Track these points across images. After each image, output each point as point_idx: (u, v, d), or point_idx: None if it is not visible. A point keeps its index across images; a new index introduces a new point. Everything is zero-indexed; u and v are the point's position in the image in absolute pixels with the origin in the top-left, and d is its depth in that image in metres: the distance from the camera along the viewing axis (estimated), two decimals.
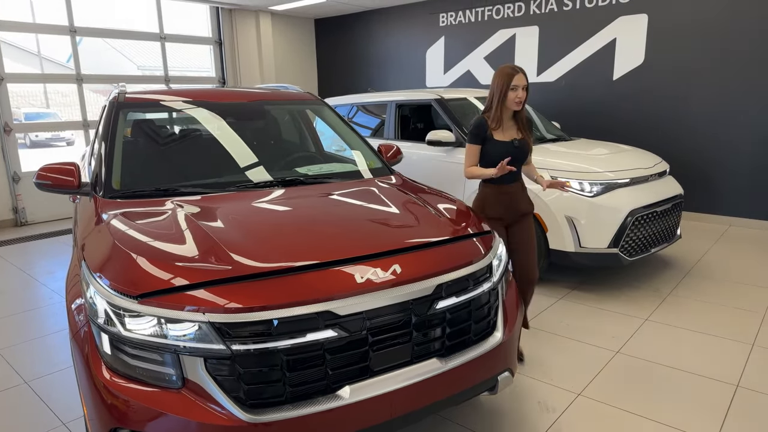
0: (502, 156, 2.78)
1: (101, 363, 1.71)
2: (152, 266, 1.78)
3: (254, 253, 1.84)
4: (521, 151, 2.93)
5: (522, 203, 3.01)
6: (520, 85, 2.79)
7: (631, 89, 6.68)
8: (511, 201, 2.96)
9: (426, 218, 2.34)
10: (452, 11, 8.17)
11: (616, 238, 4.04)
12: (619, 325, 3.64)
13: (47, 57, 16.75)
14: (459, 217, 2.54)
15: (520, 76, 2.80)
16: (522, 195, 3.02)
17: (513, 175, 2.91)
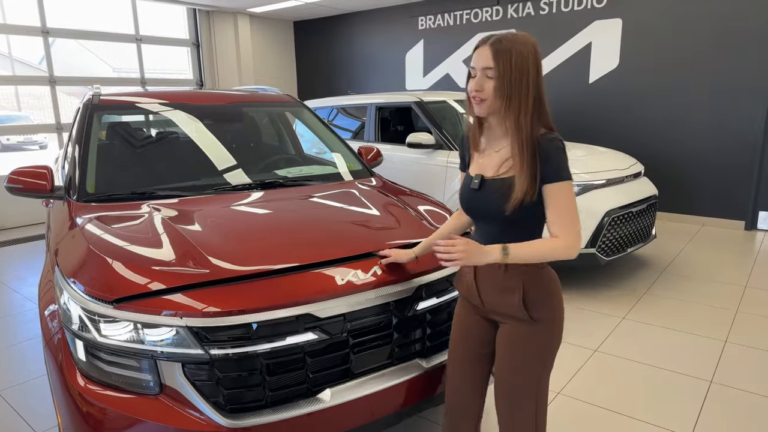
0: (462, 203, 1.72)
1: (76, 370, 1.67)
2: (128, 270, 1.74)
3: (233, 257, 1.82)
4: (484, 199, 1.61)
5: (493, 297, 1.63)
6: (477, 67, 1.53)
7: (607, 92, 6.80)
8: (471, 286, 1.69)
9: (406, 220, 2.34)
10: (431, 14, 8.21)
11: (594, 238, 4.09)
12: (597, 324, 3.70)
13: (18, 59, 16.35)
14: (438, 218, 2.55)
15: (480, 52, 1.52)
16: (494, 284, 1.62)
17: (483, 238, 1.64)
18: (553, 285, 1.65)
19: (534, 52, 1.50)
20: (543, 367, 1.64)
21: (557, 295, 1.65)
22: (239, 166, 2.98)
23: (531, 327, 1.60)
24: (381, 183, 3.00)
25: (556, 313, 1.63)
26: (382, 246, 1.99)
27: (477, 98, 1.54)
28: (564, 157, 1.54)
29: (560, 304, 1.66)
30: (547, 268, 1.64)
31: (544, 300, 1.60)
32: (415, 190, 2.92)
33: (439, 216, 2.51)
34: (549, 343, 1.64)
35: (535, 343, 1.61)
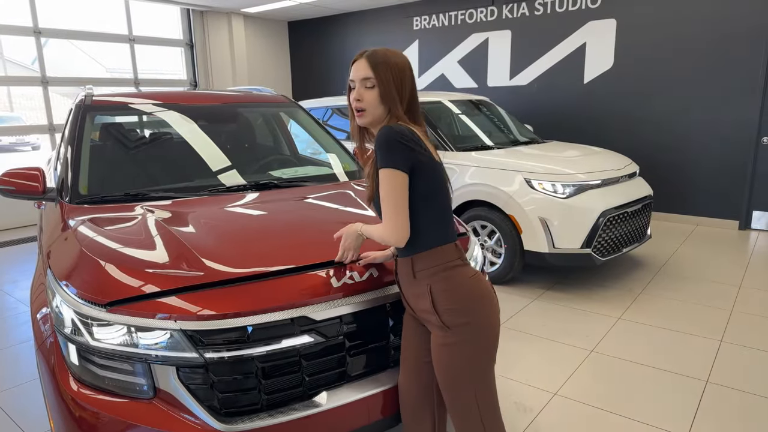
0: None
1: (68, 374, 1.65)
2: (121, 273, 1.72)
3: (227, 259, 1.80)
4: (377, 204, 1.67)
5: (413, 302, 1.68)
6: (356, 79, 1.64)
7: (601, 92, 6.82)
8: (399, 283, 1.76)
9: None
10: (426, 15, 8.21)
11: (589, 238, 4.10)
12: (593, 325, 3.70)
13: (10, 59, 16.23)
14: None
15: (358, 65, 1.63)
16: (409, 288, 1.68)
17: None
18: (469, 288, 1.60)
19: (408, 66, 1.66)
20: (473, 372, 1.61)
21: (477, 299, 1.60)
22: (234, 167, 2.96)
23: (449, 334, 1.60)
24: None
25: (476, 318, 1.59)
26: (379, 247, 1.97)
27: (357, 108, 1.65)
28: (388, 146, 1.54)
29: (482, 308, 1.61)
30: (459, 270, 1.61)
31: (458, 305, 1.59)
32: None
33: None
34: (472, 350, 1.60)
35: (457, 351, 1.60)
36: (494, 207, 4.39)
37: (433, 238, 1.61)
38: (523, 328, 3.65)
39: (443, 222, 1.64)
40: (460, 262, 1.63)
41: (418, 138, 1.58)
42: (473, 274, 1.63)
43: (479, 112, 5.69)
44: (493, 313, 1.65)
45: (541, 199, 4.16)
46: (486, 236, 4.49)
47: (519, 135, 5.50)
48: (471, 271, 1.64)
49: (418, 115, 1.67)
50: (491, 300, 1.66)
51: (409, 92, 1.64)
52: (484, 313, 1.61)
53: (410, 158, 1.54)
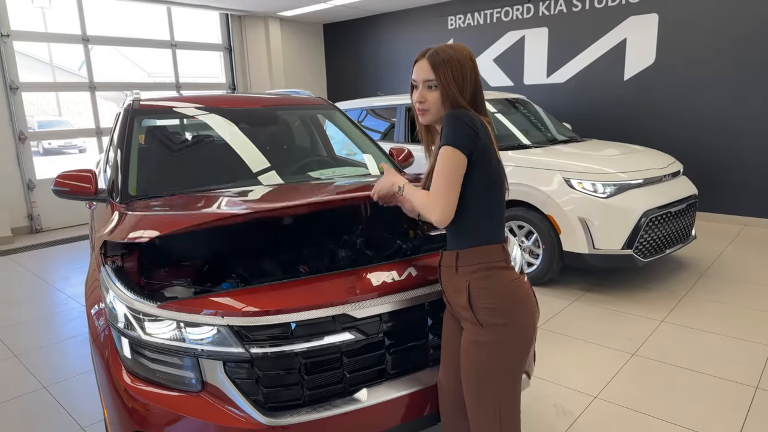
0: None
1: (122, 367, 1.73)
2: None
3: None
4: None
5: (452, 297, 1.68)
6: (418, 80, 1.66)
7: (643, 89, 6.64)
8: (441, 286, 1.75)
9: None
10: (460, 14, 8.17)
11: (630, 239, 4.01)
12: (635, 327, 3.61)
13: (60, 66, 16.97)
14: None
15: (419, 66, 1.65)
16: (449, 283, 1.67)
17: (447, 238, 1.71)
18: (509, 290, 1.58)
19: (470, 57, 1.63)
20: (500, 374, 1.59)
21: (515, 302, 1.58)
22: (273, 168, 3.03)
23: (482, 332, 1.58)
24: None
25: (512, 320, 1.57)
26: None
27: (420, 109, 1.66)
28: (455, 126, 1.54)
29: (520, 311, 1.59)
30: (501, 272, 1.59)
31: (495, 305, 1.56)
32: None
33: None
34: (504, 351, 1.57)
35: (487, 350, 1.57)
36: (532, 207, 4.34)
37: (482, 236, 1.59)
38: (563, 330, 3.59)
39: (494, 220, 1.61)
40: (505, 264, 1.60)
41: (485, 128, 1.57)
42: (516, 278, 1.61)
43: (516, 110, 5.63)
44: (530, 318, 1.62)
45: (580, 199, 4.09)
46: (523, 237, 4.44)
47: (557, 133, 5.42)
48: (514, 274, 1.62)
49: (483, 108, 1.65)
50: (530, 305, 1.63)
51: (473, 85, 1.62)
52: (521, 317, 1.59)
53: (473, 143, 1.53)
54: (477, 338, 1.59)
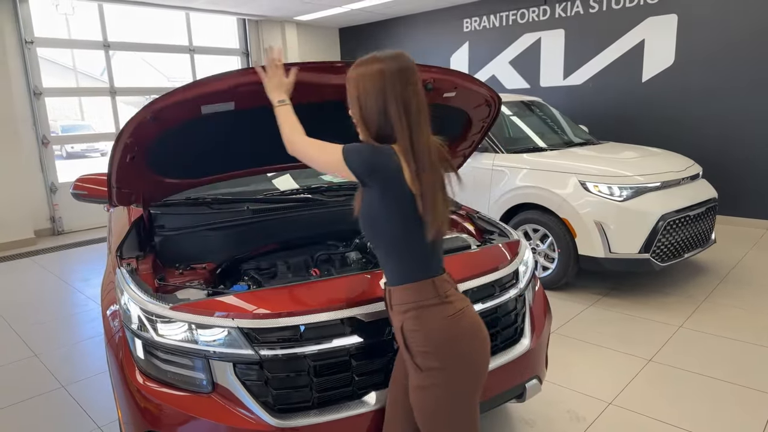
0: None
1: (135, 368, 1.76)
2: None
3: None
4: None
5: (394, 327, 1.58)
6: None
7: (662, 91, 6.55)
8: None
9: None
10: (476, 16, 8.15)
11: (648, 243, 3.95)
12: (652, 333, 3.55)
13: (82, 71, 17.34)
14: (484, 224, 2.54)
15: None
16: (390, 313, 1.60)
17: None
18: (441, 331, 1.44)
19: (385, 67, 1.44)
20: (447, 413, 1.48)
21: (449, 342, 1.45)
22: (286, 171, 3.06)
23: (421, 376, 1.47)
24: None
25: (449, 363, 1.45)
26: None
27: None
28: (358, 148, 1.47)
29: (457, 352, 1.45)
30: (432, 310, 1.45)
31: (428, 348, 1.45)
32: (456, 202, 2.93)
33: (483, 221, 2.50)
34: (446, 394, 1.47)
35: (430, 395, 1.47)
36: (547, 210, 4.30)
37: (407, 272, 1.48)
38: (577, 335, 3.55)
39: (420, 254, 1.48)
40: (437, 300, 1.46)
41: (390, 162, 1.42)
42: (451, 314, 1.46)
43: (531, 113, 5.60)
44: (471, 355, 1.48)
45: (596, 202, 4.04)
46: (538, 240, 4.41)
47: (573, 136, 5.37)
48: (449, 309, 1.46)
49: (401, 137, 1.43)
50: (469, 341, 1.48)
51: (379, 108, 1.43)
52: (459, 357, 1.46)
53: (366, 173, 1.43)
54: (418, 383, 1.49)
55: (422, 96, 1.47)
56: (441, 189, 1.48)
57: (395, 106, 1.42)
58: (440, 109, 2.39)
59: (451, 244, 2.30)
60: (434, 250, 1.52)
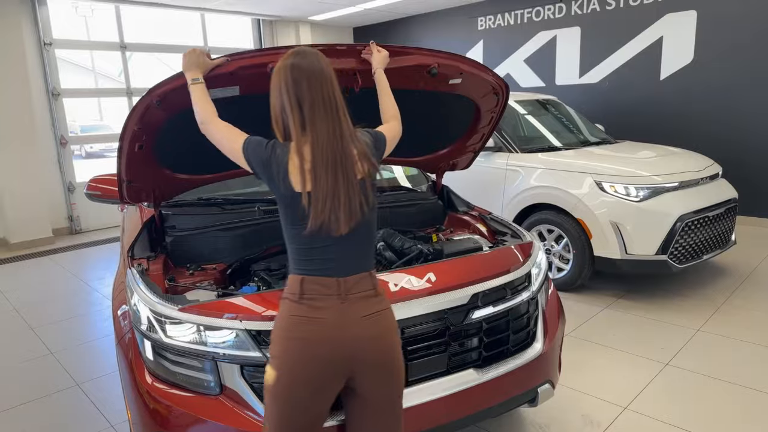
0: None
1: (144, 369, 1.76)
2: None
3: None
4: None
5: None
6: None
7: (680, 88, 6.42)
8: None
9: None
10: (491, 14, 8.08)
11: (665, 244, 3.87)
12: (669, 336, 3.48)
13: (101, 72, 17.59)
14: (496, 224, 2.51)
15: None
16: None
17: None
18: (281, 324, 1.46)
19: (287, 63, 1.45)
20: (266, 400, 1.48)
21: (280, 340, 1.45)
22: None
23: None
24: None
25: (272, 358, 1.45)
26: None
27: None
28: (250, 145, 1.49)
29: (280, 351, 1.44)
30: (285, 304, 1.46)
31: (272, 337, 1.48)
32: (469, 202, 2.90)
33: (495, 222, 2.47)
34: (267, 380, 1.46)
35: (266, 376, 1.48)
36: (562, 211, 4.24)
37: (291, 265, 1.50)
38: (593, 338, 3.50)
39: (297, 252, 1.47)
40: (293, 297, 1.45)
41: (285, 158, 1.41)
42: (296, 314, 1.44)
43: (546, 111, 5.53)
44: (292, 361, 1.42)
45: (612, 203, 3.98)
46: (553, 241, 4.35)
47: (589, 135, 5.29)
48: (299, 310, 1.43)
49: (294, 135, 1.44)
50: (296, 347, 1.42)
51: (280, 105, 1.46)
52: (280, 356, 1.44)
53: (257, 168, 1.46)
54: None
55: (326, 93, 1.43)
56: (346, 191, 1.41)
57: (288, 102, 1.43)
58: (448, 100, 2.41)
59: (462, 245, 2.27)
60: (327, 249, 1.44)
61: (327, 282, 1.45)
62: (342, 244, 1.45)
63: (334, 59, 1.85)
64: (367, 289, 1.49)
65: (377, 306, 1.49)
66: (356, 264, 1.49)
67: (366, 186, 1.46)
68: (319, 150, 1.40)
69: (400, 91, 2.24)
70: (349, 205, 1.41)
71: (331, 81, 1.45)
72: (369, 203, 1.46)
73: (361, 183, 1.45)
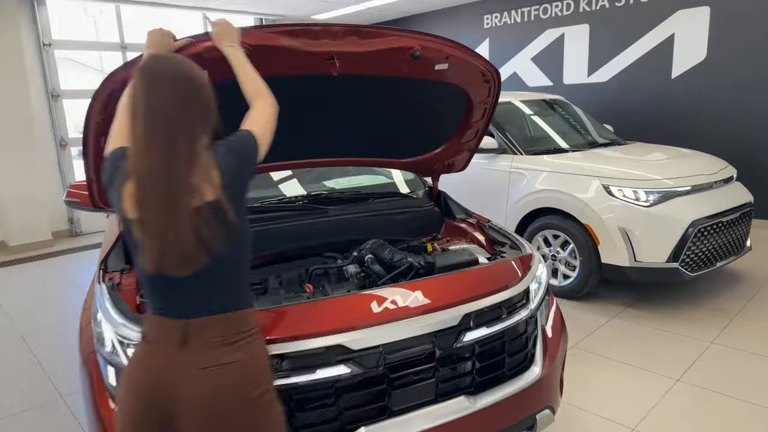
0: None
1: (106, 392, 1.63)
2: None
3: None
4: None
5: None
6: None
7: (693, 87, 6.22)
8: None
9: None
10: (497, 12, 7.92)
11: (676, 251, 3.70)
12: (680, 349, 3.30)
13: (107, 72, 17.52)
14: (495, 234, 2.35)
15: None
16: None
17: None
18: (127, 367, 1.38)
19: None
20: None
21: (123, 377, 1.36)
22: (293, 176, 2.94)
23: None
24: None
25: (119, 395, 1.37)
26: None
27: None
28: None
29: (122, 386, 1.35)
30: (138, 345, 1.38)
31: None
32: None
33: (493, 231, 2.32)
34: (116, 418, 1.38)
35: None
36: (568, 215, 4.07)
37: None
38: (598, 351, 3.33)
39: (142, 283, 1.34)
40: (141, 337, 1.35)
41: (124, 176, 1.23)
42: (136, 353, 1.34)
43: (553, 112, 5.37)
44: (120, 405, 1.33)
45: (621, 207, 3.80)
46: (558, 247, 4.18)
47: (597, 136, 5.12)
48: (138, 354, 1.33)
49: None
50: (123, 394, 1.32)
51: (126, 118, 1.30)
52: (123, 391, 1.33)
53: (108, 179, 1.29)
54: None
55: (164, 104, 1.21)
56: (176, 226, 1.17)
57: (131, 112, 1.24)
58: (437, 89, 2.26)
59: (456, 258, 2.12)
60: (171, 285, 1.25)
61: (169, 324, 1.26)
62: (189, 280, 1.23)
63: (304, 41, 1.71)
64: (216, 335, 1.25)
65: (225, 357, 1.24)
66: (208, 304, 1.27)
67: (210, 215, 1.19)
68: (146, 175, 1.18)
69: (382, 80, 2.11)
70: (178, 245, 1.17)
71: (176, 91, 1.22)
72: (217, 235, 1.21)
73: (206, 212, 1.19)
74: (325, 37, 1.81)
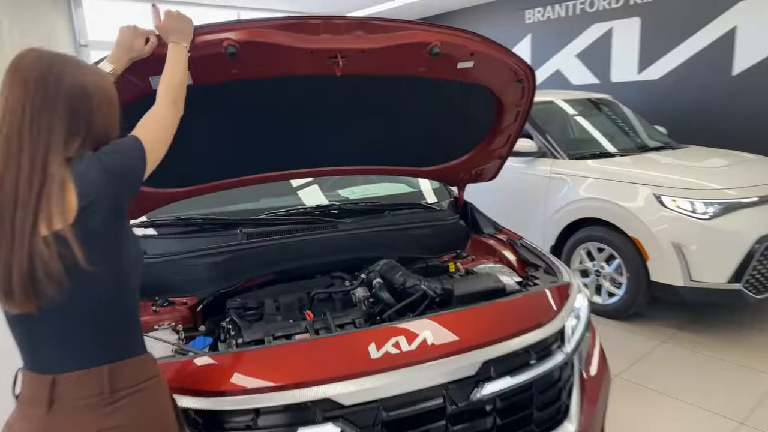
0: None
1: None
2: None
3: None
4: None
5: None
6: None
7: (757, 85, 5.68)
8: None
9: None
10: (539, 7, 7.54)
11: (739, 270, 3.29)
12: (743, 384, 2.89)
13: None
14: (527, 254, 2.05)
15: None
16: None
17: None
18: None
19: None
20: None
21: None
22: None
23: None
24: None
25: None
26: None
27: None
28: None
29: None
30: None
31: None
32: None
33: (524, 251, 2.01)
34: None
35: None
36: (614, 227, 3.69)
37: None
38: (645, 382, 2.95)
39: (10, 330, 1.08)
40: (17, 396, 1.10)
41: None
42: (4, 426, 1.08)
43: (599, 112, 5.01)
44: None
45: (674, 220, 3.41)
46: (603, 261, 3.80)
47: (648, 139, 4.73)
48: (10, 418, 1.07)
49: None
50: None
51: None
52: None
53: None
54: None
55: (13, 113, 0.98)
56: (19, 257, 0.94)
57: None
58: (461, 91, 1.96)
59: (479, 284, 1.82)
60: (32, 331, 1.03)
61: (37, 380, 1.01)
62: (52, 322, 1.01)
63: (301, 37, 1.47)
64: (91, 394, 1.00)
65: (102, 422, 1.00)
66: (79, 353, 1.03)
67: (58, 247, 0.96)
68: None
69: (398, 80, 1.84)
70: (21, 278, 0.94)
71: (37, 93, 0.99)
72: (68, 271, 0.96)
73: (53, 242, 0.95)
74: (327, 32, 1.55)
